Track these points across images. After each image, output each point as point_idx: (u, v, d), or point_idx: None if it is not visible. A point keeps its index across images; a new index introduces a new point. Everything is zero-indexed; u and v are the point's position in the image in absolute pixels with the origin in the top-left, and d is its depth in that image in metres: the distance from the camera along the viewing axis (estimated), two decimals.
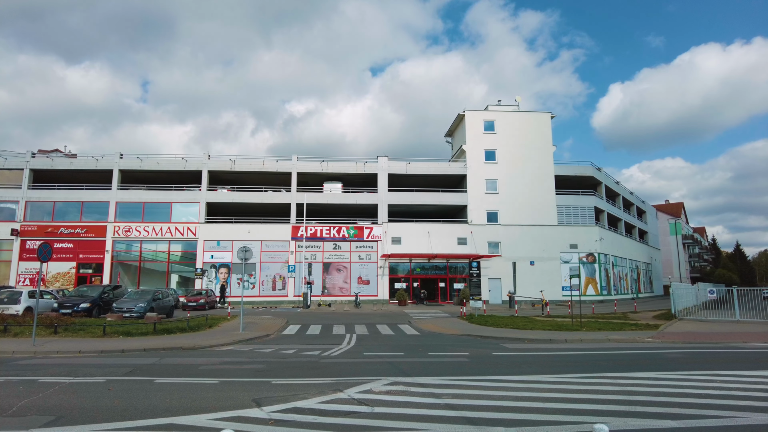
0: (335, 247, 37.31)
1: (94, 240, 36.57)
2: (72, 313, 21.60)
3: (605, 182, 44.62)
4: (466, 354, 13.50)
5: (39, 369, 10.69)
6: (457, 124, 43.65)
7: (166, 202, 37.85)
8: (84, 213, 37.44)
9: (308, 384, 9.17)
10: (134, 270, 37.20)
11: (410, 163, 39.85)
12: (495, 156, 39.90)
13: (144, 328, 17.36)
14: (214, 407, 7.34)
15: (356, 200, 38.72)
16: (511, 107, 42.77)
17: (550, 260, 37.93)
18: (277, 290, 36.70)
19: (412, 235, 37.46)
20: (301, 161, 39.63)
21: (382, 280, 36.82)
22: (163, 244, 37.23)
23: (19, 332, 16.10)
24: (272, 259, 37.03)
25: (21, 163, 38.00)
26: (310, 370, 10.89)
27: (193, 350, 14.10)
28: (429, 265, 37.87)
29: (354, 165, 39.65)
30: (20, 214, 36.86)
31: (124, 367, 11.01)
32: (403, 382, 9.31)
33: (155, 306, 22.38)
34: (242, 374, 10.24)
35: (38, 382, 9.14)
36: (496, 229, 38.26)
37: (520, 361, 12.42)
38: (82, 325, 17.65)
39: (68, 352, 13.28)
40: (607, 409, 7.28)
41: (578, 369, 10.99)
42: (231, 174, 39.44)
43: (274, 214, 39.01)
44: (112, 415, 6.90)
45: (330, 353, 13.54)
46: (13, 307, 21.00)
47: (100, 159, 38.81)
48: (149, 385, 9.04)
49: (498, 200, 39.01)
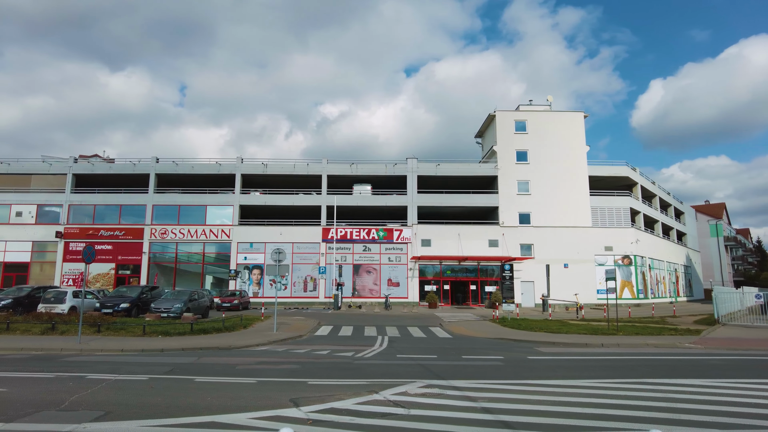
0: (365, 249, 37.47)
1: (132, 242, 37.77)
2: (113, 312, 22.36)
3: (641, 182, 43.39)
4: (500, 357, 13.36)
5: (86, 366, 11.13)
6: (487, 125, 43.24)
7: (201, 205, 38.79)
8: (122, 216, 38.72)
9: (343, 385, 9.26)
10: (170, 271, 38.25)
11: (440, 164, 39.70)
12: (527, 156, 39.34)
13: (181, 327, 17.83)
14: (253, 406, 7.49)
15: (386, 202, 38.80)
16: (542, 107, 42.11)
17: (584, 263, 37.12)
18: (308, 291, 37.10)
19: (442, 237, 37.29)
20: (331, 164, 39.98)
21: (411, 282, 36.77)
22: (198, 246, 38.15)
23: (65, 330, 16.80)
24: (303, 260, 37.47)
25: (64, 168, 39.59)
26: (344, 371, 10.98)
27: (230, 350, 14.40)
28: (459, 267, 37.61)
29: (383, 167, 39.75)
30: (64, 217, 38.40)
31: (165, 365, 11.35)
32: (437, 385, 9.29)
33: (191, 306, 22.93)
34: (278, 374, 10.41)
35: (86, 378, 9.51)
36: (529, 231, 37.70)
37: (555, 365, 12.21)
38: (122, 325, 18.27)
39: (111, 350, 13.77)
40: (648, 416, 7.09)
41: (616, 374, 10.74)
42: (263, 177, 40.12)
43: (305, 216, 39.47)
44: (156, 412, 7.13)
45: (363, 355, 13.62)
46: (59, 306, 21.90)
47: (137, 163, 40.09)
48: (189, 384, 9.30)
49: (530, 201, 38.44)
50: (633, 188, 42.95)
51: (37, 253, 38.08)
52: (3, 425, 6.29)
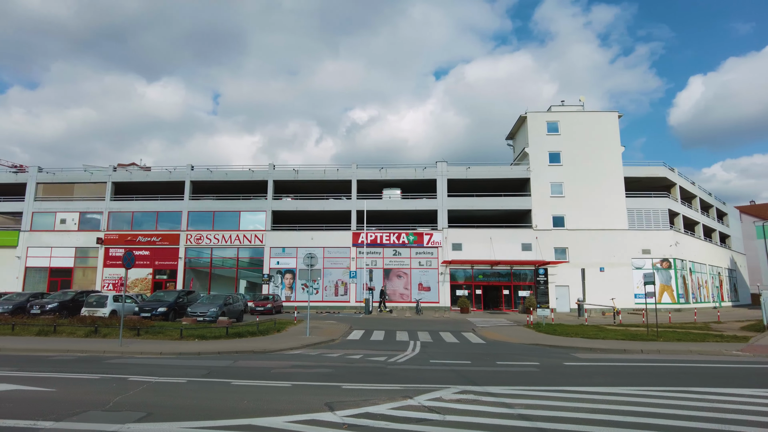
0: (395, 254, 37.45)
1: (168, 247, 38.83)
2: (151, 316, 23.05)
3: (679, 183, 41.92)
4: (535, 363, 13.10)
5: (127, 368, 11.47)
6: (518, 127, 42.66)
7: (235, 211, 39.58)
8: (159, 222, 39.86)
9: (378, 390, 9.24)
10: (205, 276, 39.13)
11: (470, 167, 39.36)
12: (560, 158, 38.58)
13: (217, 331, 18.17)
14: (289, 410, 7.55)
15: (415, 206, 38.72)
16: (575, 107, 41.26)
17: (620, 266, 36.08)
18: (339, 296, 37.31)
19: (474, 240, 36.90)
20: (361, 169, 40.19)
21: (443, 286, 36.50)
22: (232, 251, 38.92)
23: (107, 333, 17.37)
24: (334, 265, 37.73)
25: (104, 176, 41.10)
26: (378, 375, 10.97)
27: (264, 354, 14.59)
28: (491, 271, 37.11)
29: (413, 171, 39.70)
30: (104, 224, 39.83)
31: (202, 368, 11.58)
32: (472, 391, 9.18)
33: (226, 310, 23.40)
34: (312, 378, 10.47)
35: (128, 380, 9.80)
36: (563, 234, 36.92)
37: (593, 372, 11.90)
38: (160, 328, 18.77)
39: (150, 353, 14.15)
40: (696, 427, 6.81)
41: (658, 382, 10.38)
42: (294, 183, 40.65)
43: (336, 221, 39.75)
44: (195, 414, 7.27)
45: (396, 360, 13.57)
46: (101, 309, 22.72)
47: (173, 171, 41.25)
48: (226, 387, 9.46)
49: (564, 204, 37.65)
50: (671, 189, 41.55)
51: (80, 259, 39.60)
52: (54, 424, 6.54)
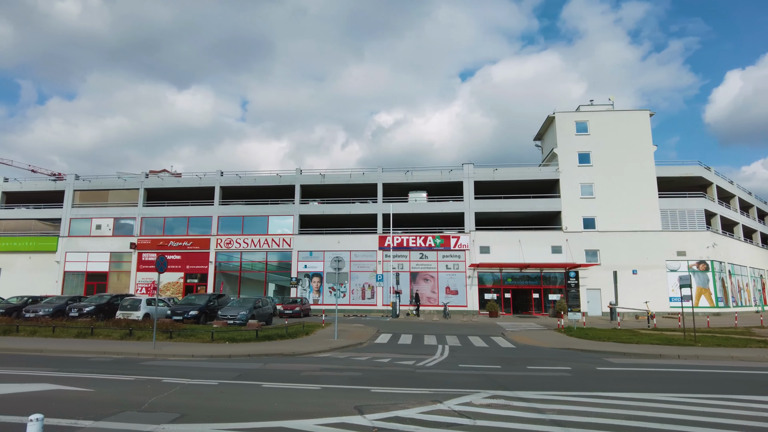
0: (422, 257, 37.30)
1: (199, 252, 39.64)
2: (183, 319, 23.50)
3: (716, 182, 40.50)
4: (567, 368, 12.83)
5: (161, 370, 11.73)
6: (546, 127, 42.02)
7: (263, 216, 40.14)
8: (190, 227, 40.76)
9: (407, 394, 9.19)
10: (235, 279, 39.77)
11: (497, 169, 38.95)
12: (589, 158, 37.80)
13: (247, 334, 18.43)
14: (319, 413, 7.58)
15: (442, 209, 38.49)
16: (604, 107, 40.39)
17: (654, 269, 35.04)
18: (366, 299, 37.37)
19: (502, 243, 36.45)
20: (386, 172, 40.23)
21: (471, 290, 36.15)
22: (261, 255, 39.46)
23: (141, 336, 17.82)
24: (361, 268, 37.82)
25: (137, 183, 42.33)
26: (406, 379, 10.92)
27: (293, 356, 14.72)
28: (520, 275, 36.56)
29: (439, 173, 39.52)
30: (137, 229, 40.95)
31: (233, 371, 11.75)
32: (503, 396, 9.04)
33: (256, 314, 23.69)
34: (341, 381, 10.50)
35: (162, 382, 10.02)
36: (594, 236, 36.10)
37: (627, 377, 11.58)
38: (192, 331, 19.14)
39: (183, 356, 14.44)
40: None
41: (697, 388, 10.01)
42: (321, 187, 40.98)
43: (362, 224, 39.88)
44: (227, 416, 7.37)
45: (424, 364, 13.49)
46: (135, 313, 23.32)
47: (203, 177, 42.14)
48: (257, 389, 9.57)
49: (594, 205, 36.85)
50: (707, 189, 40.20)
51: (114, 263, 40.78)
52: (93, 423, 6.74)
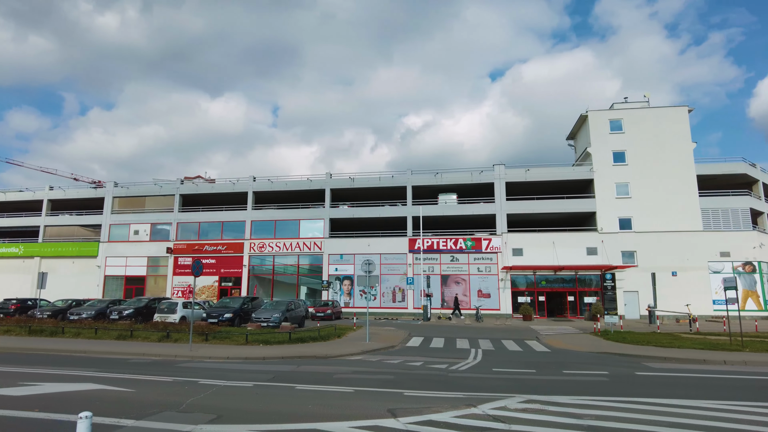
0: (453, 260, 37.00)
1: (233, 256, 40.44)
2: (218, 322, 24.05)
3: (762, 179, 38.69)
4: (604, 373, 12.48)
5: (197, 372, 11.98)
6: (579, 126, 41.14)
7: (294, 220, 40.66)
8: (224, 231, 41.63)
9: (440, 397, 9.11)
10: (268, 282, 40.39)
11: (529, 169, 38.32)
12: (625, 157, 36.77)
13: (280, 336, 18.66)
14: (352, 415, 7.58)
15: (472, 211, 38.11)
16: (639, 104, 39.23)
17: (695, 270, 33.75)
18: (397, 302, 37.32)
19: (535, 245, 35.81)
20: (416, 174, 40.13)
21: (503, 293, 35.63)
22: (293, 258, 39.96)
23: (178, 338, 18.28)
24: (391, 271, 37.81)
25: (173, 189, 43.54)
26: (439, 383, 10.82)
27: (326, 359, 14.81)
28: (554, 277, 35.82)
29: (469, 175, 39.17)
30: (173, 234, 42.10)
31: (267, 373, 11.90)
32: (538, 400, 8.86)
33: (288, 316, 24.00)
34: (374, 384, 10.49)
35: (198, 383, 10.23)
36: (630, 237, 35.05)
37: (669, 383, 11.18)
38: (227, 333, 19.50)
39: (218, 358, 14.72)
40: None
41: (745, 396, 9.56)
42: (351, 191, 41.22)
43: (391, 227, 39.89)
44: (262, 418, 7.46)
45: (457, 367, 13.36)
46: (172, 316, 23.97)
47: (236, 182, 43.02)
48: (291, 391, 9.65)
49: (631, 205, 35.79)
50: (753, 186, 38.48)
51: (152, 267, 42.02)
52: (134, 422, 6.94)
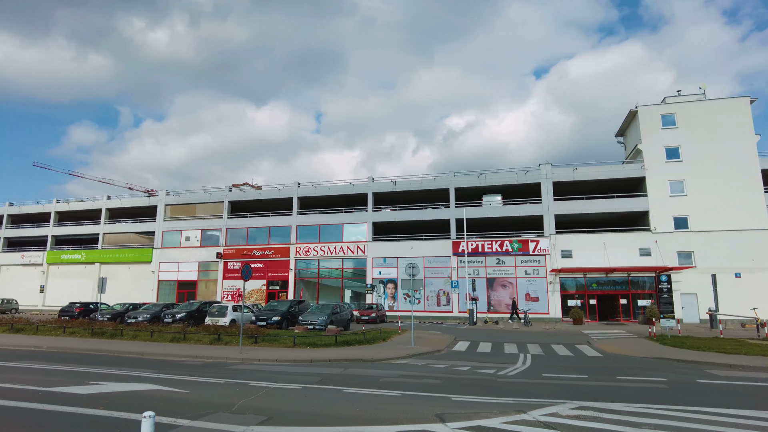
0: (498, 262, 36.35)
1: (279, 260, 41.35)
2: (266, 325, 24.63)
3: None
4: (662, 380, 11.90)
5: (247, 374, 12.27)
6: (628, 122, 39.57)
7: (338, 224, 41.13)
8: (271, 236, 42.66)
9: (488, 403, 8.94)
10: (313, 286, 41.02)
11: (577, 168, 37.16)
12: (679, 153, 35.02)
13: (326, 339, 18.88)
14: (399, 419, 7.55)
15: (518, 212, 37.32)
16: (695, 96, 37.30)
17: (762, 271, 31.65)
18: (441, 306, 37.03)
19: (584, 247, 34.66)
20: (459, 176, 39.74)
21: (552, 296, 34.66)
22: (337, 262, 40.43)
23: (228, 341, 18.80)
24: (435, 274, 37.57)
25: (221, 196, 45.04)
26: (487, 388, 10.62)
27: (372, 362, 14.84)
28: (606, 279, 34.54)
29: (514, 175, 38.41)
30: (222, 240, 43.50)
31: (315, 375, 12.05)
32: (591, 407, 8.54)
33: (334, 319, 24.25)
34: (421, 388, 10.41)
35: (249, 385, 10.47)
36: (687, 237, 33.34)
37: (734, 391, 10.52)
38: (275, 336, 19.90)
39: (267, 360, 15.03)
40: None
41: None
42: (393, 194, 41.30)
43: (435, 230, 39.64)
44: (311, 420, 7.55)
45: (506, 372, 13.08)
46: (222, 319, 24.71)
47: (282, 189, 44.00)
48: (338, 394, 9.73)
49: (686, 203, 34.03)
50: None
51: (203, 272, 43.57)
52: (190, 422, 7.18)
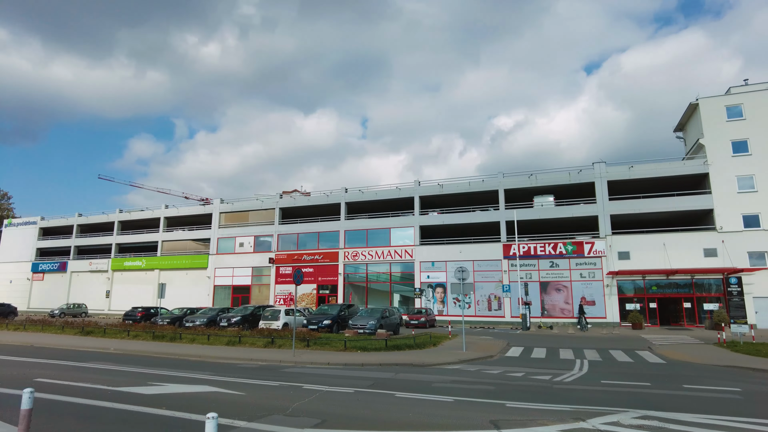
0: (552, 265, 35.29)
1: (329, 264, 41.94)
2: (317, 328, 24.95)
3: None
4: (736, 389, 11.13)
5: (300, 377, 12.47)
6: (688, 116, 37.49)
7: (385, 228, 41.29)
8: (320, 241, 43.37)
9: (545, 410, 8.65)
10: (362, 290, 41.31)
11: (633, 166, 35.52)
12: (747, 147, 32.79)
13: (376, 343, 18.92)
14: (454, 425, 7.43)
15: (571, 213, 36.11)
16: (763, 85, 34.87)
17: None
18: (492, 310, 36.33)
19: (643, 248, 33.07)
20: (508, 177, 38.94)
21: (609, 300, 33.26)
22: (384, 266, 40.55)
23: (281, 344, 19.20)
24: (485, 278, 36.91)
25: (272, 203, 46.28)
26: (543, 395, 10.30)
27: (423, 367, 14.73)
28: (667, 282, 32.78)
29: (566, 175, 37.23)
30: (274, 246, 44.63)
31: (366, 379, 12.08)
32: (656, 417, 8.09)
33: (384, 323, 24.29)
34: (474, 394, 10.22)
35: (302, 388, 10.63)
36: (759, 236, 31.07)
37: None
38: (326, 340, 20.15)
39: (319, 363, 15.23)
40: None
41: None
42: (440, 197, 41.02)
43: (484, 233, 39.00)
44: (365, 424, 7.55)
45: (562, 379, 12.64)
46: (275, 323, 25.30)
47: (330, 194, 44.69)
48: (391, 399, 9.70)
49: (757, 200, 31.73)
50: None
51: (256, 277, 44.85)
52: (246, 423, 7.35)
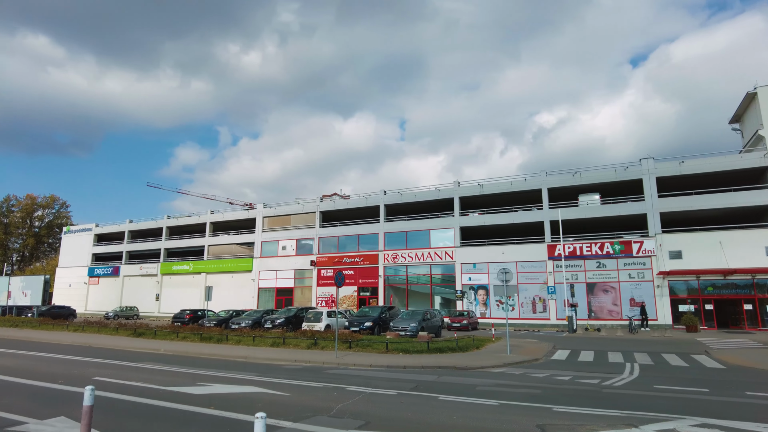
0: (599, 266, 34.14)
1: (369, 267, 42.13)
2: (359, 330, 25.10)
3: None
4: None
5: (344, 378, 12.56)
6: (746, 106, 35.47)
7: (425, 230, 41.09)
8: (360, 244, 43.62)
9: (594, 415, 8.36)
10: (402, 292, 41.25)
11: (684, 161, 33.91)
12: None
13: (418, 346, 18.83)
14: (500, 429, 7.29)
15: (618, 211, 34.80)
16: None
17: None
18: (537, 313, 35.49)
19: (696, 247, 31.51)
20: (551, 176, 37.98)
21: (660, 301, 31.86)
22: (425, 268, 40.35)
23: (324, 346, 19.41)
24: (529, 280, 36.12)
25: (313, 207, 46.95)
26: (592, 399, 9.95)
27: (466, 370, 14.54)
28: (723, 282, 31.09)
29: (612, 172, 35.96)
30: (315, 248, 45.24)
31: (409, 382, 12.04)
32: (716, 425, 7.68)
33: (425, 326, 24.18)
34: (519, 398, 10.00)
35: (346, 389, 10.70)
36: None
37: None
38: (368, 342, 20.21)
39: (362, 365, 15.29)
40: None
41: None
42: (480, 198, 40.45)
43: (527, 233, 38.16)
44: (408, 427, 7.52)
45: (611, 383, 12.18)
46: (317, 324, 25.61)
47: (369, 197, 44.90)
48: (434, 402, 9.62)
49: None
50: None
51: (298, 279, 45.58)
52: (292, 424, 7.47)
